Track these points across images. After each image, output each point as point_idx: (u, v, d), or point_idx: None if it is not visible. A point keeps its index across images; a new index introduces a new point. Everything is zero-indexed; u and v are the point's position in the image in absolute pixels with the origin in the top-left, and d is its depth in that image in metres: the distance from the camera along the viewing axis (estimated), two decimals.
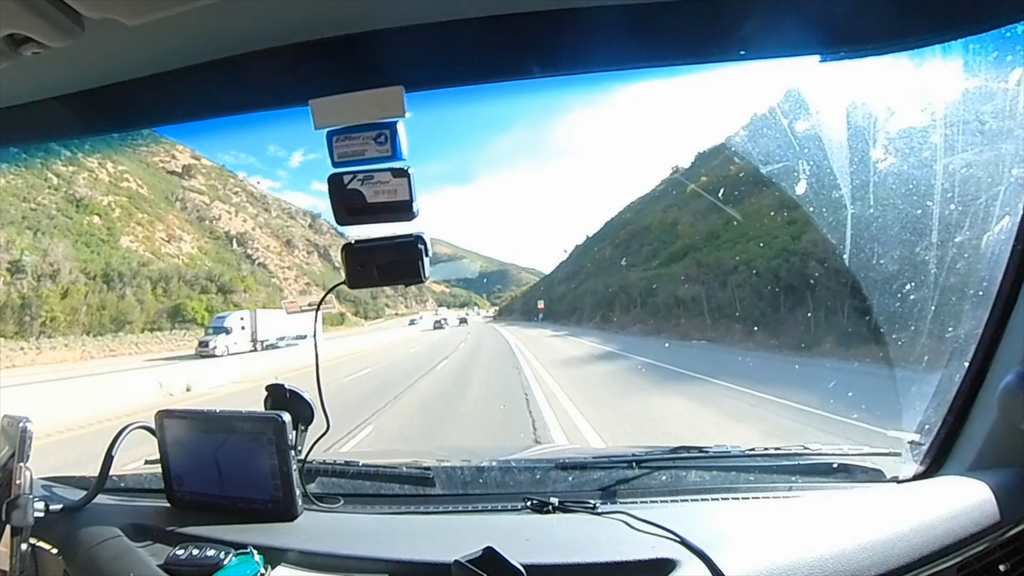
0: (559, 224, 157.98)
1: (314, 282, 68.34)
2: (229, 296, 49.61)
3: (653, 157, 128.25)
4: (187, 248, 58.80)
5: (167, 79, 1.08)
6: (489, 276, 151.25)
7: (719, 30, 0.97)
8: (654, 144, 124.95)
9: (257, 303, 46.28)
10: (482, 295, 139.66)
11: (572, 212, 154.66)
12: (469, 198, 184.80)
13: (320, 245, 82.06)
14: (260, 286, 57.34)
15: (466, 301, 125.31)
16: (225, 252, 63.96)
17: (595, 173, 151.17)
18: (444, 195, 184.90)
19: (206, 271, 53.23)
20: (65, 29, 0.76)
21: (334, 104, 1.03)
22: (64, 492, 1.37)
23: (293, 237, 78.45)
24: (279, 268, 69.30)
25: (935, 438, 1.20)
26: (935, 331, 1.53)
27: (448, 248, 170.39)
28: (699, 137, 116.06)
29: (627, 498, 1.23)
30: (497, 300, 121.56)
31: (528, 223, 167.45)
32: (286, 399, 1.28)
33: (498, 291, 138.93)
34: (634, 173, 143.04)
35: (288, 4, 0.90)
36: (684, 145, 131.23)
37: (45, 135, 1.32)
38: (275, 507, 1.19)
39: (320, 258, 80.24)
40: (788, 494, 1.22)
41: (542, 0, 0.91)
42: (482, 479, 1.39)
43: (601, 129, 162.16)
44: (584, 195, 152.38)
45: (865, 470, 1.28)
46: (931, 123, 1.85)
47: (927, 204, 1.65)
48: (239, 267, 61.14)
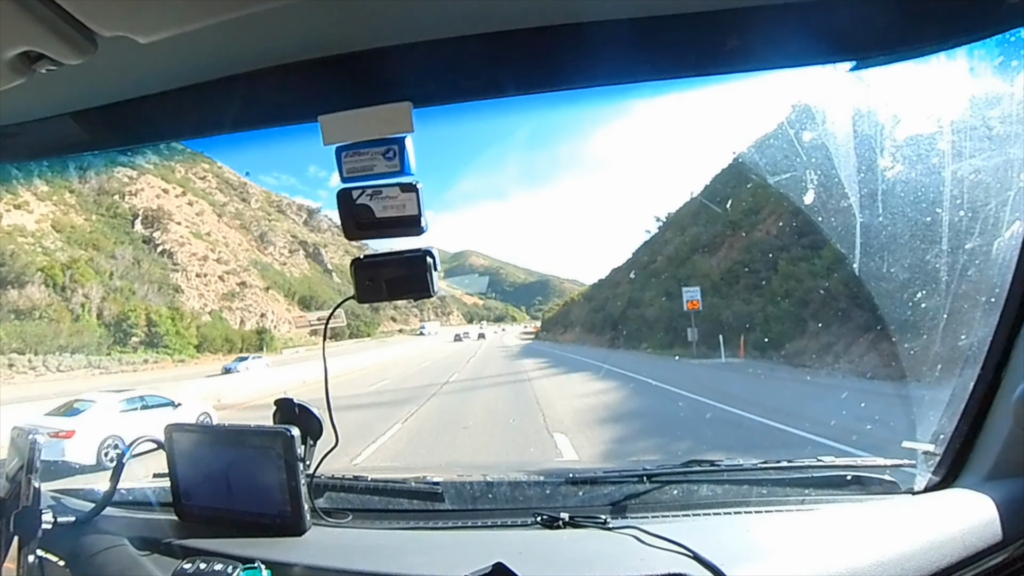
0: (601, 236, 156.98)
1: (276, 286, 55.65)
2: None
3: (685, 168, 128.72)
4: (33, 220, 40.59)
5: (178, 96, 1.11)
6: (528, 288, 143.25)
7: (724, 42, 0.98)
8: (684, 156, 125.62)
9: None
10: (520, 307, 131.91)
11: (614, 223, 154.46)
12: (505, 212, 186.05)
13: (310, 243, 71.31)
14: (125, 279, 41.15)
15: (502, 314, 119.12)
16: (109, 229, 46.90)
17: (632, 184, 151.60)
18: (481, 210, 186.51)
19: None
20: (79, 47, 0.79)
21: (343, 120, 1.05)
22: (73, 504, 1.38)
23: (272, 231, 66.43)
24: (205, 262, 51.65)
25: (949, 448, 1.19)
26: (947, 339, 1.52)
27: (484, 260, 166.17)
28: (710, 150, 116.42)
29: (638, 513, 1.23)
30: (538, 313, 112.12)
31: (567, 235, 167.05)
32: (295, 414, 1.29)
33: (539, 303, 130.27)
34: (668, 185, 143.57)
35: (297, 22, 0.93)
36: (698, 158, 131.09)
37: (58, 151, 1.35)
38: (283, 522, 1.20)
39: (307, 258, 69.14)
40: (801, 507, 1.22)
41: (547, 15, 0.93)
42: (491, 494, 1.39)
43: (627, 142, 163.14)
44: (624, 206, 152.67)
45: (879, 482, 1.28)
46: (938, 129, 1.86)
47: (936, 211, 1.65)
48: (112, 251, 43.78)
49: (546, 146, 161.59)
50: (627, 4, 0.92)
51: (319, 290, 60.36)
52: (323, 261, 69.80)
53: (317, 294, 58.80)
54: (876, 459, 1.35)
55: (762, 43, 0.98)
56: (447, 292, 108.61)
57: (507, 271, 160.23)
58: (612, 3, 0.92)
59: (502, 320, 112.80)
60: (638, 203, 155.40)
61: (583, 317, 41.23)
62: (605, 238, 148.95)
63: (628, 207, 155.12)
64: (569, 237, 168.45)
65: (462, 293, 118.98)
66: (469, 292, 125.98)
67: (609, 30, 0.95)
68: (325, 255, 70.26)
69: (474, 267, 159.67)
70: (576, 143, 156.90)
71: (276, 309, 52.04)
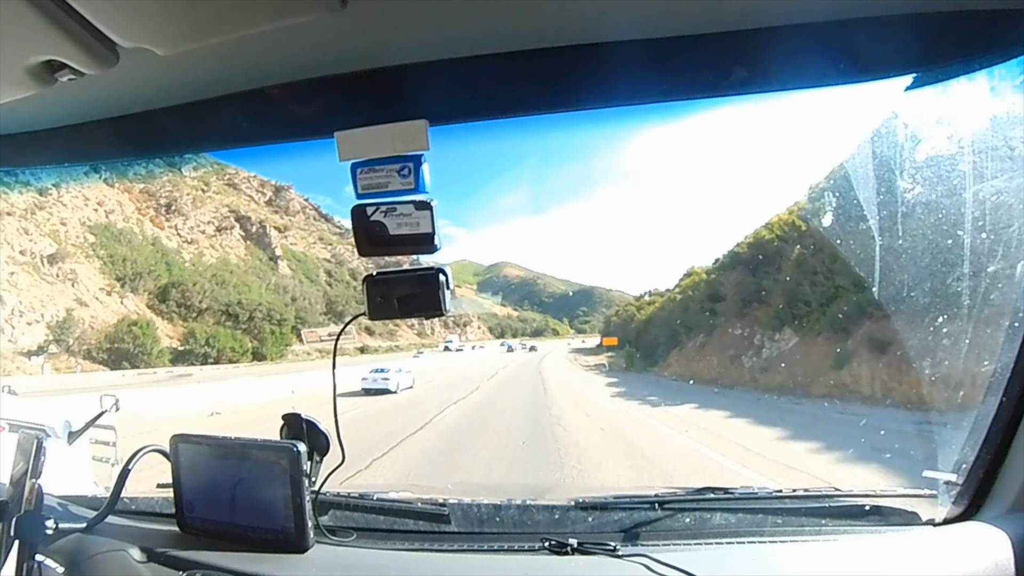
0: (643, 248, 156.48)
1: (134, 271, 41.10)
2: None
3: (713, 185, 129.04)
4: None
5: (196, 108, 1.14)
6: (568, 299, 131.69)
7: (741, 62, 1.00)
8: (710, 176, 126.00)
9: None
10: (562, 319, 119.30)
11: (652, 237, 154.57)
12: (538, 225, 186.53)
13: (265, 224, 58.01)
14: None
15: (540, 327, 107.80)
16: None
17: (667, 201, 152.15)
18: (515, 224, 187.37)
19: None
20: (101, 57, 0.82)
21: (359, 136, 1.07)
22: (75, 511, 1.40)
23: (192, 203, 53.65)
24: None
25: (972, 478, 1.17)
26: (969, 365, 1.50)
27: (520, 271, 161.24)
28: (727, 171, 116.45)
29: (649, 541, 1.22)
30: (583, 325, 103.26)
31: (608, 247, 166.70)
32: (302, 429, 1.30)
33: (583, 314, 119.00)
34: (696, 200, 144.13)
35: (316, 38, 0.96)
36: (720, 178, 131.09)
37: (76, 158, 1.39)
38: (286, 538, 1.20)
39: (247, 239, 55.26)
40: (818, 538, 1.20)
41: (564, 36, 0.96)
42: (499, 517, 1.38)
43: (649, 160, 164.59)
44: (660, 221, 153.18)
45: (899, 512, 1.25)
46: (959, 150, 1.85)
47: (957, 233, 1.64)
48: None
49: (571, 163, 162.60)
50: (644, 25, 0.94)
51: (246, 281, 47.68)
52: (270, 246, 56.71)
53: (239, 284, 45.96)
54: (896, 488, 1.33)
55: (780, 64, 0.99)
56: (479, 303, 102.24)
57: (545, 281, 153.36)
58: (629, 24, 0.94)
59: (541, 334, 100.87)
60: (674, 218, 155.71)
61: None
62: (648, 250, 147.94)
63: (664, 222, 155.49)
64: (611, 248, 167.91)
65: (493, 303, 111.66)
66: (503, 303, 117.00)
67: (626, 51, 0.97)
68: (276, 239, 58.01)
69: (509, 278, 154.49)
70: (597, 161, 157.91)
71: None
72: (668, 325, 29.32)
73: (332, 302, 55.93)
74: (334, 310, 54.10)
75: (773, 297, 21.98)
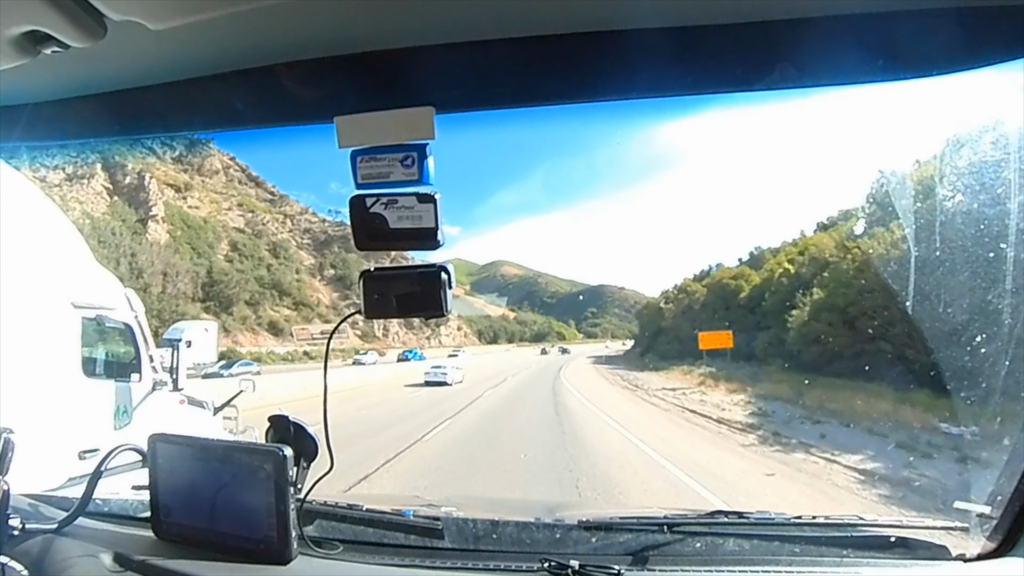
0: (655, 246, 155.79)
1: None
2: None
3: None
4: None
5: (188, 87, 1.14)
6: (573, 299, 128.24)
7: (771, 55, 0.98)
8: (730, 174, 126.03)
9: None
10: (568, 322, 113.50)
11: (666, 235, 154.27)
12: (538, 223, 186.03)
13: (144, 175, 50.40)
14: None
15: (543, 330, 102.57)
16: None
17: (683, 198, 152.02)
18: (512, 221, 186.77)
19: None
20: (88, 29, 0.82)
21: (360, 122, 1.07)
22: (45, 511, 1.40)
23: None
24: None
25: (1008, 511, 1.16)
26: (1009, 389, 1.49)
27: (518, 270, 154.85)
28: (754, 170, 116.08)
29: (656, 565, 1.21)
30: (593, 328, 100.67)
31: (616, 245, 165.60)
32: (289, 432, 1.30)
33: (591, 316, 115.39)
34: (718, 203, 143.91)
35: (316, 17, 0.95)
36: (745, 176, 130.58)
37: (61, 135, 1.40)
38: (267, 548, 1.20)
39: (119, 195, 48.64)
40: (838, 569, 1.19)
41: (582, 21, 0.95)
42: (496, 535, 1.37)
43: (674, 152, 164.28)
44: (675, 219, 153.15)
45: (927, 546, 1.24)
46: (1004, 156, 1.83)
47: (1000, 246, 1.63)
48: None
49: (580, 157, 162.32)
50: (669, 13, 0.93)
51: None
52: (145, 203, 50.27)
53: None
54: (924, 520, 1.32)
55: (814, 58, 0.98)
56: (469, 303, 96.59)
57: (546, 280, 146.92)
58: (653, 11, 0.93)
59: (543, 338, 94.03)
60: (690, 217, 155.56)
61: None
62: (660, 248, 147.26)
63: (679, 220, 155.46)
64: (620, 247, 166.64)
65: (485, 303, 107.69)
66: (497, 304, 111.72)
67: (649, 39, 0.96)
68: (157, 197, 50.97)
69: (507, 277, 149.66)
70: (608, 155, 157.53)
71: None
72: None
73: (217, 282, 50.15)
74: (220, 293, 48.49)
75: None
